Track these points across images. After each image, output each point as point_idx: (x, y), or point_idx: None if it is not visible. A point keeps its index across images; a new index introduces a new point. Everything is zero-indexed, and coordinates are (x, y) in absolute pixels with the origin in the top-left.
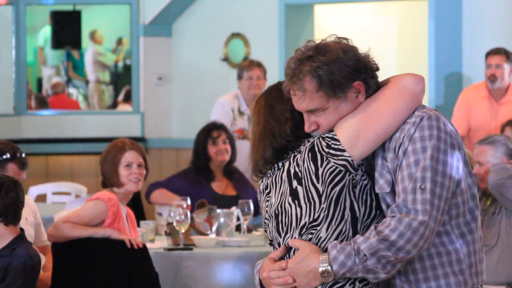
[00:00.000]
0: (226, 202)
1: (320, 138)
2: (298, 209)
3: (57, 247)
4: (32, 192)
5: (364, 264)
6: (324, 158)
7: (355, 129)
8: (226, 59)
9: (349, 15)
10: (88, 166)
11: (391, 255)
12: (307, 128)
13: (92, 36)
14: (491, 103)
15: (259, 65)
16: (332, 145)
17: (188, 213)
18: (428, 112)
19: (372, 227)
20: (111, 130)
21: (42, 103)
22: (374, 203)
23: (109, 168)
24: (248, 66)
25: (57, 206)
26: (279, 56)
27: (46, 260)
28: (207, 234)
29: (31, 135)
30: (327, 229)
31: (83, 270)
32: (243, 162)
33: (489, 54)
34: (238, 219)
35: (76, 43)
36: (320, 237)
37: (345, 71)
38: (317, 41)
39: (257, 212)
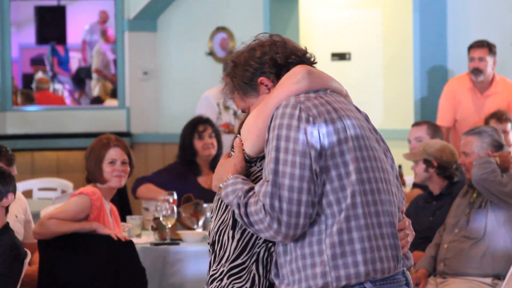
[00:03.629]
0: (213, 196)
1: None
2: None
3: (43, 243)
4: (18, 188)
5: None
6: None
7: (248, 125)
8: (211, 53)
9: (334, 7)
10: (74, 161)
11: (245, 221)
12: None
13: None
14: (476, 94)
15: None
16: None
17: (175, 208)
18: (287, 100)
19: (254, 193)
20: (97, 125)
21: (28, 98)
22: None
23: (93, 164)
24: None
25: (43, 201)
26: None
27: (34, 256)
28: (193, 229)
29: (17, 131)
30: (215, 219)
31: (69, 265)
32: None
33: (472, 47)
34: None
35: (61, 38)
36: (212, 228)
37: (246, 71)
38: (256, 39)
39: None
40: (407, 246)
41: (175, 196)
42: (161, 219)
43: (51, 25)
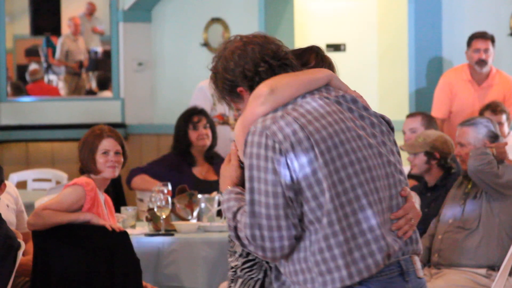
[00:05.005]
0: (207, 187)
1: None
2: None
3: (37, 234)
4: (13, 179)
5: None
6: None
7: (236, 136)
8: (206, 44)
9: None
10: (69, 152)
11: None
12: None
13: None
14: (473, 86)
15: None
16: None
17: (169, 199)
18: (255, 126)
19: (243, 221)
20: (92, 116)
21: (18, 90)
22: None
23: (87, 155)
24: None
25: (37, 192)
26: None
27: (27, 246)
28: (188, 220)
29: (11, 122)
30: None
31: (64, 256)
32: (224, 147)
33: (476, 38)
34: (219, 204)
35: (56, 29)
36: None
37: (225, 84)
38: (226, 41)
39: None
40: (412, 229)
41: (170, 187)
42: (155, 210)
43: (46, 16)
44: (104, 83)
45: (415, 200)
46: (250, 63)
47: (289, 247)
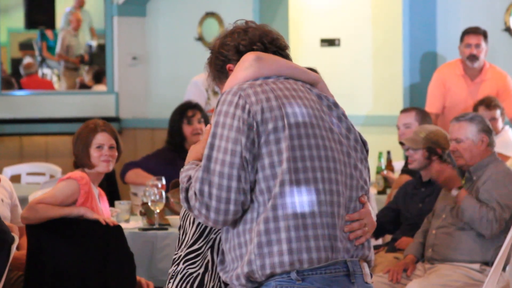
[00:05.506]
0: None
1: None
2: None
3: (31, 228)
4: (7, 172)
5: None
6: None
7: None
8: (200, 38)
9: None
10: (63, 146)
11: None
12: None
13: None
14: (466, 81)
15: None
16: None
17: (163, 193)
18: (233, 87)
19: (196, 175)
20: (86, 110)
21: (9, 84)
22: None
23: (81, 149)
24: None
25: (31, 186)
26: None
27: (21, 240)
28: None
29: (5, 115)
30: None
31: (57, 250)
32: None
33: (468, 33)
34: None
35: (50, 23)
36: (181, 213)
37: (218, 59)
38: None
39: None
40: (366, 236)
41: (164, 181)
42: (149, 204)
43: (40, 9)
44: (98, 77)
45: (372, 211)
46: (247, 40)
47: (234, 214)
